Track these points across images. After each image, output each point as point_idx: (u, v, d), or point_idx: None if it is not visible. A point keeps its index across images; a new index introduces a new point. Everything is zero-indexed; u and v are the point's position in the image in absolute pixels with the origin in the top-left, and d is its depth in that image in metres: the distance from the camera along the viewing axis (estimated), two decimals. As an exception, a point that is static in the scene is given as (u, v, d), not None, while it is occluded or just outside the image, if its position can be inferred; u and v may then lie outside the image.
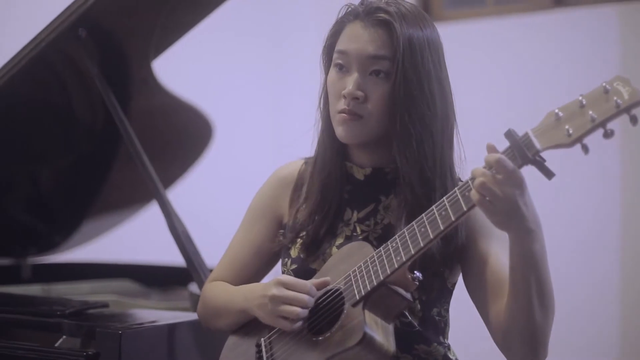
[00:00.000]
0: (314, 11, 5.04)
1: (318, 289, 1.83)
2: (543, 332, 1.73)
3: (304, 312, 1.80)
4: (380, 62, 1.86)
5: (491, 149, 1.62)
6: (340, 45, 1.90)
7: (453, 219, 1.66)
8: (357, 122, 1.87)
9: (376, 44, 1.86)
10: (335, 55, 1.91)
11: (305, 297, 1.80)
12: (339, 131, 1.89)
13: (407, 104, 1.84)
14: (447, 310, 1.95)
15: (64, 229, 3.43)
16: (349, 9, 1.93)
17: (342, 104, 1.87)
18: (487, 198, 1.60)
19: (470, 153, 1.91)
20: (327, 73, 1.95)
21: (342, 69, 1.89)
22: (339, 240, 1.93)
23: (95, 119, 3.13)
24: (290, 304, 1.80)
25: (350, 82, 1.86)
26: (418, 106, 1.84)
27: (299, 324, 1.82)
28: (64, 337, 2.34)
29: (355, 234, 1.92)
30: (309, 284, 1.82)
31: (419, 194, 1.84)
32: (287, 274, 1.96)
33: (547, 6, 4.68)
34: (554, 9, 4.64)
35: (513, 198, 1.60)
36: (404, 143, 1.85)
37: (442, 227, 1.67)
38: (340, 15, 1.94)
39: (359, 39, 1.87)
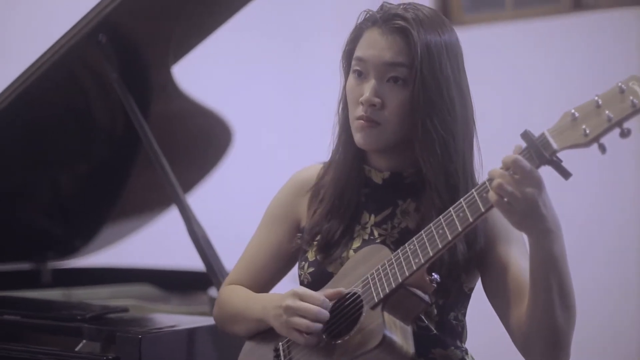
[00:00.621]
0: (333, 14, 5.04)
1: (332, 299, 1.82)
2: (565, 333, 1.72)
3: (315, 326, 1.78)
4: (397, 69, 1.85)
5: (517, 150, 1.62)
6: (358, 51, 1.90)
7: (471, 220, 1.65)
8: (375, 128, 1.87)
9: (393, 51, 1.85)
10: (353, 62, 1.91)
11: (316, 309, 1.78)
12: (357, 137, 1.89)
13: (428, 110, 1.83)
14: (465, 315, 1.94)
15: (84, 233, 3.44)
16: (368, 14, 1.93)
17: (359, 111, 1.87)
18: (505, 199, 1.60)
19: (489, 156, 1.90)
20: (346, 78, 1.94)
21: (360, 75, 1.89)
22: (356, 244, 1.92)
23: (115, 124, 3.15)
24: (303, 316, 1.79)
25: (368, 89, 1.86)
26: (438, 112, 1.84)
27: (313, 338, 1.79)
28: (84, 341, 2.34)
29: (372, 237, 1.92)
30: (322, 296, 1.80)
31: (445, 199, 1.83)
32: (304, 277, 1.95)
33: (567, 9, 4.68)
34: (573, 13, 4.63)
35: (531, 198, 1.59)
36: (427, 149, 1.84)
37: (460, 229, 1.67)
38: (359, 21, 1.94)
39: (377, 46, 1.87)
